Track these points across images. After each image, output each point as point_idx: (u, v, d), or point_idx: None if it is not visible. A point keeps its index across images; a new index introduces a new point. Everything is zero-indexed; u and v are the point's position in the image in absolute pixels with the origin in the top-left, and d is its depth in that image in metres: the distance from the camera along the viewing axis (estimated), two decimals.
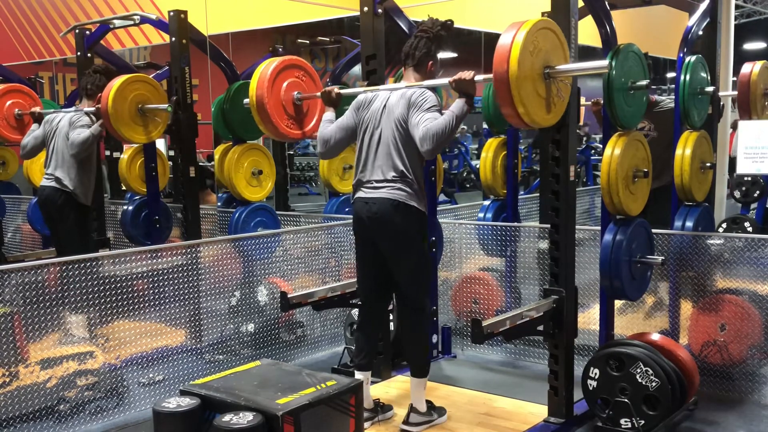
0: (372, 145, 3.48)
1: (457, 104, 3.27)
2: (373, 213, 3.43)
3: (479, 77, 3.26)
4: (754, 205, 6.46)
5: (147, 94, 4.86)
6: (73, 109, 5.23)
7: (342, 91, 3.78)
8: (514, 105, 2.93)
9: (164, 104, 4.86)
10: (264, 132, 4.02)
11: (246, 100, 3.99)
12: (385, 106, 3.47)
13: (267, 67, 3.85)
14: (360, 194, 3.52)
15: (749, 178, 6.33)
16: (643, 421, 3.40)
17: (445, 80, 3.38)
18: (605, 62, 3.13)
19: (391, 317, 4.32)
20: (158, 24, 5.10)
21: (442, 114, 3.28)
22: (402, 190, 3.39)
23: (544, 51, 3.01)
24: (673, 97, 4.26)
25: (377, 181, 3.44)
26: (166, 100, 4.96)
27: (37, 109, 5.57)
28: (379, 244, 3.49)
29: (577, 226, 3.63)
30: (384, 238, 3.47)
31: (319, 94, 3.89)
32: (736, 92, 4.52)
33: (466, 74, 3.27)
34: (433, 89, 3.45)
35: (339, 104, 3.80)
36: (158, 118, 4.95)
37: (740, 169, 4.46)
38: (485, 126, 5.59)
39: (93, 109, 4.93)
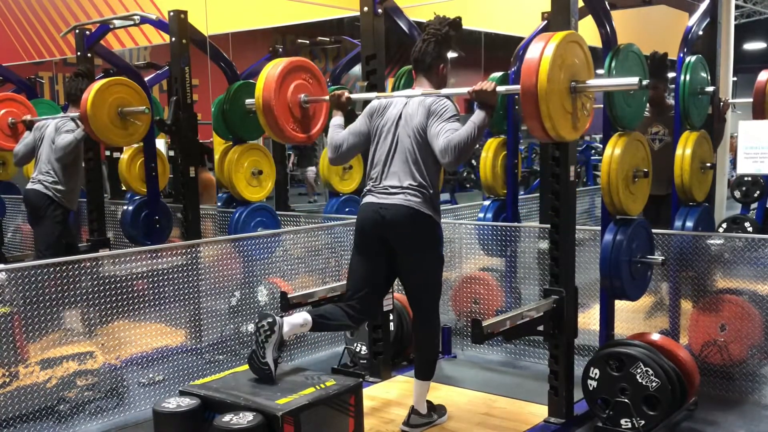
0: (388, 152, 3.41)
1: (478, 115, 3.18)
2: (386, 219, 3.34)
3: (500, 88, 3.20)
4: (754, 205, 6.46)
5: (127, 97, 4.87)
6: (61, 115, 5.30)
7: (352, 96, 3.73)
8: (542, 119, 2.87)
9: (143, 106, 4.88)
10: (268, 134, 3.93)
11: (249, 101, 3.89)
12: (401, 113, 3.40)
13: (274, 68, 3.74)
14: (371, 198, 3.42)
15: (749, 178, 6.33)
16: (643, 422, 3.40)
17: (464, 90, 3.30)
18: (634, 80, 3.01)
19: (391, 317, 4.32)
20: (158, 24, 5.10)
21: (461, 123, 3.22)
22: (418, 197, 3.31)
23: (570, 65, 2.95)
24: None
25: (393, 187, 3.35)
26: (147, 102, 4.97)
27: (28, 116, 5.65)
28: (393, 247, 3.41)
29: (577, 226, 3.63)
30: (397, 244, 3.39)
31: (327, 97, 3.83)
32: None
33: (487, 85, 3.19)
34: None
35: (348, 108, 3.74)
36: (138, 122, 4.95)
37: (740, 169, 4.47)
38: None
39: (78, 114, 4.95)
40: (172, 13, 4.79)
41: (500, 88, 3.20)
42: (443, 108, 3.28)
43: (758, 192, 6.35)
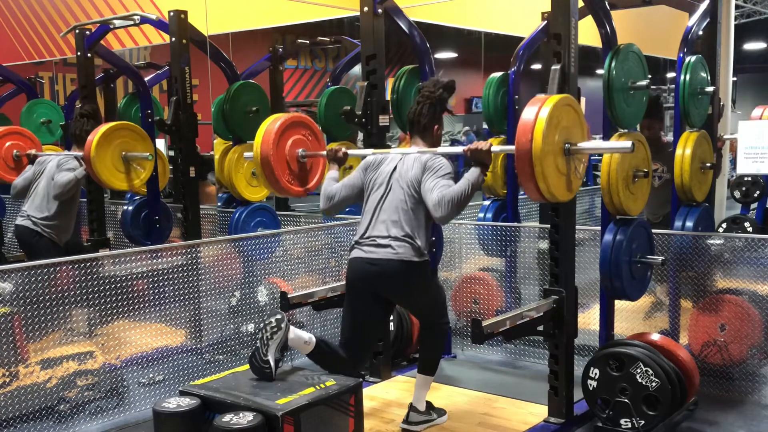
0: (378, 201, 3.45)
1: (473, 173, 3.23)
2: (375, 275, 3.37)
3: (495, 148, 3.24)
4: (754, 205, 6.47)
5: (132, 142, 4.92)
6: (64, 153, 5.30)
7: (349, 152, 3.80)
8: (536, 180, 2.90)
9: (147, 152, 4.92)
10: (266, 186, 4.00)
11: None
12: (395, 168, 3.45)
13: (273, 123, 3.80)
14: (358, 253, 3.44)
15: (749, 178, 6.33)
16: (643, 421, 3.40)
17: (459, 149, 3.40)
18: (628, 144, 3.05)
19: (391, 318, 4.32)
20: (158, 24, 5.10)
21: (455, 181, 3.28)
22: (404, 247, 3.33)
23: (564, 127, 2.99)
24: None
25: (380, 237, 3.38)
26: (152, 148, 5.01)
27: (32, 151, 5.66)
28: (387, 296, 3.48)
29: (577, 226, 3.63)
30: (391, 294, 3.47)
31: (324, 152, 3.89)
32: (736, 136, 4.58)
33: (483, 144, 3.24)
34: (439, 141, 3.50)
35: (344, 163, 3.82)
36: (141, 167, 5.00)
37: (740, 169, 4.46)
38: (485, 126, 5.59)
39: (81, 153, 4.95)
40: (172, 13, 4.79)
41: (495, 148, 3.24)
42: (439, 165, 3.33)
43: (758, 192, 6.36)
